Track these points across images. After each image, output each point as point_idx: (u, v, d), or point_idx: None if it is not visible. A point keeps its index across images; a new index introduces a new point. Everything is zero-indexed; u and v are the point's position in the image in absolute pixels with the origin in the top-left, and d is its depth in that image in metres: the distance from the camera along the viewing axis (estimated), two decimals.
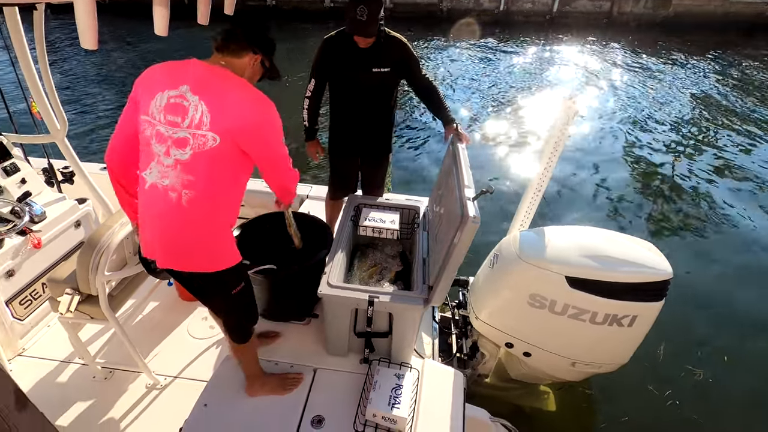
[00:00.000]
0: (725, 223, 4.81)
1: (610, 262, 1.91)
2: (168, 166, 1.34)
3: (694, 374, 2.98)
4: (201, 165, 1.34)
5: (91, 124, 7.22)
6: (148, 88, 1.38)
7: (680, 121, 7.55)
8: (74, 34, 12.12)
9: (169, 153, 1.34)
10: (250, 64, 1.45)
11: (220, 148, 1.33)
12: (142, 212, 1.46)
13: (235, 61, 1.42)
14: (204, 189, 1.36)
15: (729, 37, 12.81)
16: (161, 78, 1.37)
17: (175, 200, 1.35)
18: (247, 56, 1.43)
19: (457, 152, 2.10)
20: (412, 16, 14.35)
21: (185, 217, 1.37)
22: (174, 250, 1.43)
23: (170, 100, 1.33)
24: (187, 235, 1.40)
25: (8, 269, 2.30)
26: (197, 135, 1.32)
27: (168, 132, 1.33)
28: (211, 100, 1.32)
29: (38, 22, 2.29)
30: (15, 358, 2.39)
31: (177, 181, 1.34)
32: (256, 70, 1.49)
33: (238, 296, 1.58)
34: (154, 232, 1.44)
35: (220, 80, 1.35)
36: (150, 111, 1.36)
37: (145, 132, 1.38)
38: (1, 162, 2.53)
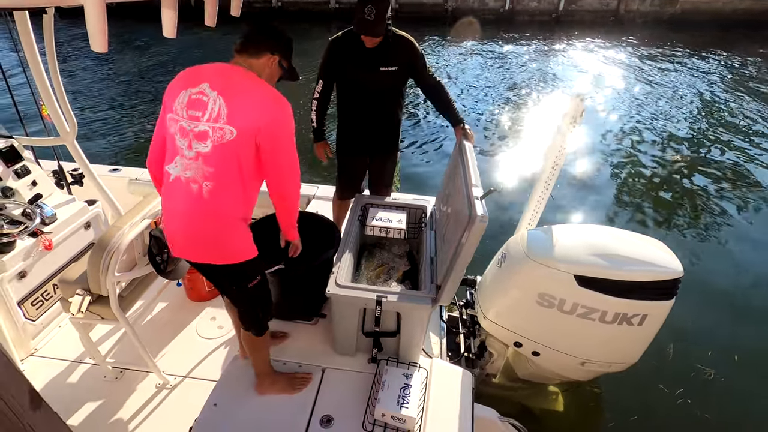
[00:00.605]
0: (736, 221, 4.76)
1: (619, 261, 1.89)
2: (190, 158, 1.41)
3: (705, 373, 2.95)
4: (220, 157, 1.40)
5: (101, 126, 7.29)
6: (173, 88, 1.46)
7: (689, 118, 7.48)
8: (83, 36, 12.27)
9: (191, 146, 1.41)
10: (269, 65, 1.51)
11: (237, 141, 1.39)
12: (165, 204, 1.53)
13: (253, 61, 1.48)
14: (223, 180, 1.42)
15: (737, 34, 12.67)
16: (184, 78, 1.45)
17: (196, 192, 1.42)
18: (264, 57, 1.49)
19: (464, 151, 2.10)
20: (418, 17, 14.35)
21: (205, 208, 1.43)
22: (195, 241, 1.49)
23: (191, 97, 1.40)
24: (207, 227, 1.46)
25: (20, 270, 2.33)
26: (216, 128, 1.38)
27: (189, 126, 1.40)
28: (229, 95, 1.38)
29: (48, 26, 2.31)
30: (27, 358, 2.42)
31: (198, 173, 1.41)
32: (274, 70, 1.54)
33: (255, 289, 1.63)
34: (177, 223, 1.50)
35: (238, 78, 1.42)
36: (174, 108, 1.43)
37: (170, 129, 1.45)
38: (13, 164, 2.56)
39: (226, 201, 1.45)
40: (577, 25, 13.89)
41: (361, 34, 2.24)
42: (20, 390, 0.86)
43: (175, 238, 1.54)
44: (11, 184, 2.50)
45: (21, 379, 0.86)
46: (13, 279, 2.30)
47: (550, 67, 10.35)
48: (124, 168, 3.56)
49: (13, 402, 0.83)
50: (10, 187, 2.48)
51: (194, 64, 1.52)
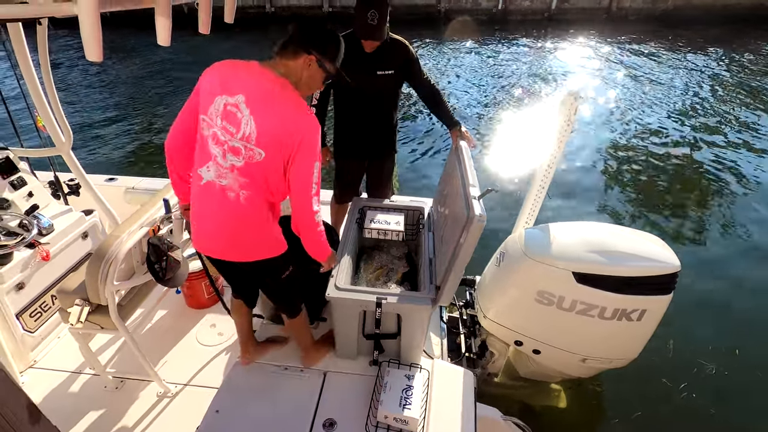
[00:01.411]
0: (732, 215, 4.78)
1: (616, 257, 1.90)
2: (225, 168, 1.46)
3: (707, 368, 2.96)
4: (253, 172, 1.46)
5: (96, 136, 7.28)
6: (210, 88, 1.45)
7: (683, 114, 7.52)
8: (77, 46, 12.26)
9: (225, 156, 1.45)
10: (306, 65, 1.47)
11: (266, 162, 1.44)
12: (198, 207, 1.58)
13: (290, 63, 1.46)
14: (258, 190, 1.49)
15: (728, 30, 12.75)
16: (223, 81, 1.43)
17: (233, 199, 1.49)
18: (302, 57, 1.46)
19: (460, 152, 2.11)
20: (410, 18, 14.38)
21: (243, 213, 1.50)
22: (233, 243, 1.57)
23: (227, 107, 1.41)
24: (245, 230, 1.53)
25: (18, 282, 2.32)
26: (247, 147, 1.42)
27: (224, 137, 1.44)
28: (260, 116, 1.40)
29: (42, 37, 2.32)
30: (27, 370, 2.41)
31: (234, 183, 1.47)
32: (313, 72, 1.50)
33: (288, 279, 1.74)
34: (212, 226, 1.56)
35: (273, 94, 1.41)
36: (209, 113, 1.45)
37: (203, 131, 1.48)
38: (9, 176, 2.55)
39: (262, 206, 1.52)
40: (570, 23, 13.95)
41: (364, 39, 2.25)
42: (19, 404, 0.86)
43: (208, 240, 1.60)
44: (7, 195, 2.50)
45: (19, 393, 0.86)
46: (11, 291, 2.29)
47: (544, 66, 10.39)
48: (121, 177, 3.56)
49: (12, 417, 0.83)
50: (7, 199, 2.47)
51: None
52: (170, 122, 1.63)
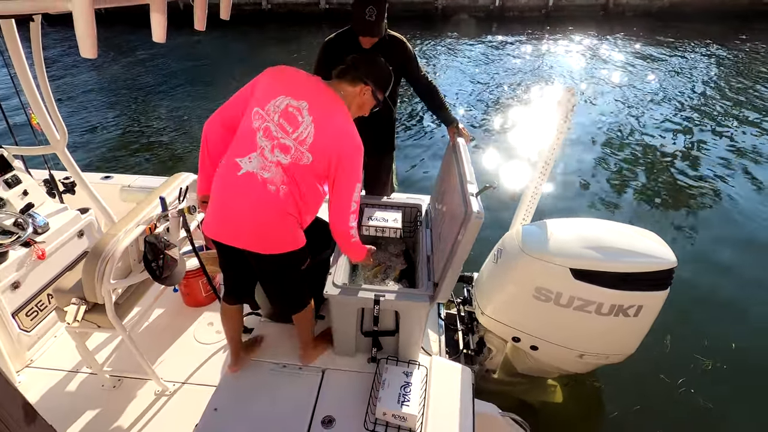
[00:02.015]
0: (728, 210, 4.80)
1: (613, 253, 1.91)
2: (271, 162, 1.53)
3: (702, 363, 2.97)
4: (296, 171, 1.55)
5: (91, 133, 7.24)
6: (271, 86, 1.56)
7: (679, 110, 7.54)
8: (71, 44, 12.17)
9: (273, 151, 1.53)
10: (360, 94, 1.66)
11: (312, 166, 1.55)
12: (228, 196, 1.58)
13: (348, 88, 1.64)
14: (299, 188, 1.57)
15: (725, 26, 12.78)
16: (288, 83, 1.56)
17: (273, 192, 1.54)
18: (359, 86, 1.64)
19: (458, 149, 2.11)
20: (407, 15, 14.35)
21: (281, 207, 1.56)
22: (263, 235, 1.59)
23: (288, 108, 1.52)
24: (278, 223, 1.58)
25: (13, 281, 2.30)
26: (298, 149, 1.53)
27: (277, 133, 1.52)
28: (320, 126, 1.52)
29: (35, 34, 2.29)
30: (23, 369, 2.40)
31: (278, 178, 1.54)
32: (365, 100, 1.68)
33: (305, 270, 1.80)
34: (243, 216, 1.57)
35: (335, 111, 1.57)
36: (267, 108, 1.53)
37: (253, 123, 1.54)
38: (3, 174, 2.53)
39: (297, 203, 1.59)
40: (567, 20, 13.95)
41: (361, 35, 2.24)
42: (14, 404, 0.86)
43: (235, 229, 1.60)
44: (2, 194, 2.48)
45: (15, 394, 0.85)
46: (6, 290, 2.27)
47: (542, 63, 10.39)
48: (116, 175, 3.54)
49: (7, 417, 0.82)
50: (1, 198, 2.46)
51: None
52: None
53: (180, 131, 7.22)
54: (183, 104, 8.33)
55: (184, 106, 8.25)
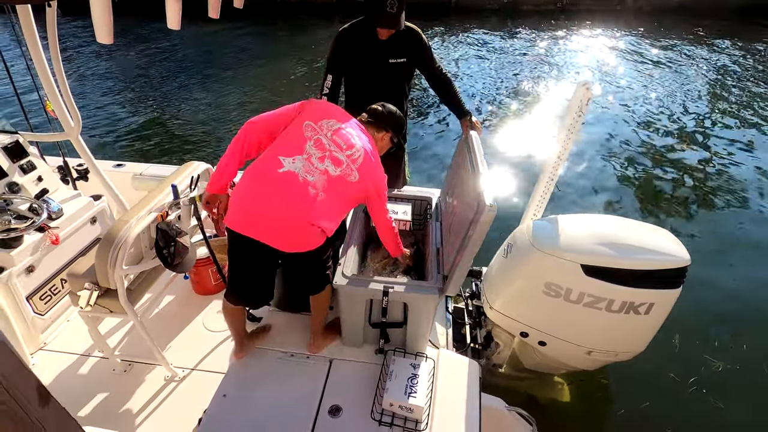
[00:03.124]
0: (744, 209, 4.72)
1: (625, 250, 1.88)
2: (317, 169, 1.64)
3: (713, 364, 2.94)
4: (340, 185, 1.67)
5: (105, 121, 7.30)
6: (322, 110, 1.77)
7: (697, 107, 7.39)
8: (85, 32, 12.25)
9: (323, 161, 1.66)
10: (384, 139, 1.95)
11: (355, 185, 1.71)
12: (265, 192, 1.61)
13: (376, 134, 1.91)
14: (336, 198, 1.68)
15: (747, 22, 12.46)
16: (336, 113, 1.80)
17: (312, 195, 1.61)
18: (383, 133, 1.93)
19: (470, 142, 2.09)
20: (420, 7, 14.20)
21: (315, 212, 1.61)
22: (289, 235, 1.64)
23: (341, 131, 1.73)
24: (307, 228, 1.62)
25: (28, 265, 2.34)
26: (350, 165, 1.69)
27: (329, 146, 1.68)
28: (367, 154, 1.75)
29: (51, 20, 2.31)
30: (37, 352, 2.44)
31: (320, 184, 1.63)
32: (386, 144, 1.97)
33: (326, 260, 1.86)
34: (274, 212, 1.60)
35: (373, 145, 1.84)
36: (319, 124, 1.71)
37: (304, 132, 1.68)
38: (18, 160, 2.58)
39: (330, 211, 1.68)
40: (583, 14, 13.70)
41: (381, 27, 2.21)
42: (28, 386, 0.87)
43: (261, 224, 1.62)
44: (17, 179, 2.52)
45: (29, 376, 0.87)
46: (21, 274, 2.31)
47: (556, 57, 10.24)
48: (128, 163, 3.57)
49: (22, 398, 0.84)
50: (17, 183, 2.50)
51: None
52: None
53: (192, 121, 7.25)
54: (195, 94, 8.37)
55: (196, 95, 8.29)
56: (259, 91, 8.38)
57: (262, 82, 8.82)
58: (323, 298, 1.93)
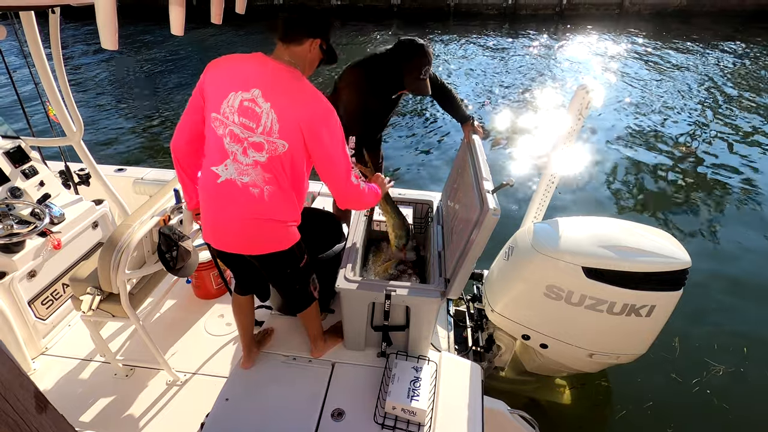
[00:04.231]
0: (744, 210, 4.74)
1: (626, 252, 1.89)
2: (247, 165, 1.46)
3: (714, 368, 2.94)
4: (276, 165, 1.46)
5: (107, 125, 7.33)
6: (218, 86, 1.45)
7: (695, 110, 7.43)
8: (88, 38, 12.27)
9: (246, 153, 1.45)
10: (309, 50, 1.49)
11: (290, 152, 1.45)
12: (214, 204, 1.56)
13: (296, 49, 1.47)
14: (282, 184, 1.50)
15: (744, 26, 12.54)
16: (232, 77, 1.44)
17: (257, 195, 1.49)
18: (307, 42, 1.48)
19: (473, 146, 2.10)
20: (419, 12, 14.29)
21: (268, 209, 1.51)
22: (254, 239, 1.57)
23: (243, 103, 1.41)
24: (267, 225, 1.54)
25: (30, 270, 2.35)
26: (270, 141, 1.42)
27: (243, 134, 1.43)
28: (280, 107, 1.40)
29: (54, 26, 2.33)
30: (38, 357, 2.44)
31: (258, 179, 1.47)
32: (314, 55, 1.52)
33: (306, 267, 1.75)
34: (233, 223, 1.55)
35: (286, 82, 1.43)
36: (222, 110, 1.43)
37: (217, 130, 1.46)
38: (21, 165, 2.58)
39: (285, 200, 1.53)
40: (582, 18, 13.78)
41: (414, 93, 2.19)
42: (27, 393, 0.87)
43: (227, 237, 1.59)
44: (19, 184, 2.53)
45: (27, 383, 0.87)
46: (23, 278, 2.32)
47: (556, 61, 10.29)
48: (129, 168, 3.58)
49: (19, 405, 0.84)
50: (19, 188, 2.50)
51: (201, 64, 1.51)
52: (180, 113, 1.63)
53: None
54: None
55: None
56: None
57: None
58: (311, 314, 1.93)
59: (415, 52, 2.09)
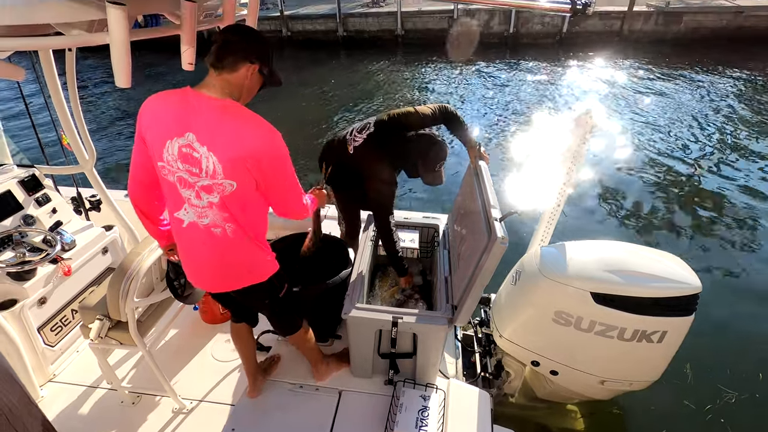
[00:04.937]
0: (754, 234, 4.69)
1: (635, 277, 1.88)
2: (203, 207, 1.43)
3: (727, 395, 2.86)
4: (232, 204, 1.42)
5: (116, 153, 7.49)
6: (155, 133, 1.37)
7: (699, 134, 7.46)
8: (101, 70, 12.65)
9: (199, 196, 1.41)
10: (247, 76, 1.37)
11: (240, 191, 1.39)
12: (185, 247, 1.57)
13: (231, 77, 1.35)
14: (242, 220, 1.47)
15: (743, 52, 12.68)
16: (166, 121, 1.35)
17: (220, 234, 1.47)
18: (243, 67, 1.35)
19: (480, 172, 2.12)
20: (423, 42, 14.63)
21: (233, 246, 1.50)
22: (227, 276, 1.57)
23: (182, 150, 1.34)
24: (237, 261, 1.54)
25: (41, 297, 2.37)
26: (217, 183, 1.37)
27: (191, 179, 1.38)
28: (218, 149, 1.32)
29: (70, 63, 2.42)
30: (46, 384, 2.43)
31: (217, 219, 1.44)
32: (254, 81, 1.41)
33: (285, 297, 1.73)
34: (203, 263, 1.57)
35: (221, 121, 1.32)
36: (165, 159, 1.37)
37: (168, 177, 1.41)
38: (34, 193, 2.64)
39: (249, 234, 1.51)
40: (582, 46, 14.00)
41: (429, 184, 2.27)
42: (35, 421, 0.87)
43: (203, 278, 1.62)
44: (32, 212, 2.58)
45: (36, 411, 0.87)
46: (33, 305, 2.33)
47: (557, 88, 10.43)
48: None
49: None
50: (32, 215, 2.55)
51: None
52: None
53: None
54: None
55: None
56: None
57: (270, 117, 9.03)
58: (301, 338, 1.91)
59: (431, 149, 2.18)
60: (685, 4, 14.14)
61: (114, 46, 1.23)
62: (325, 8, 15.70)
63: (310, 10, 15.74)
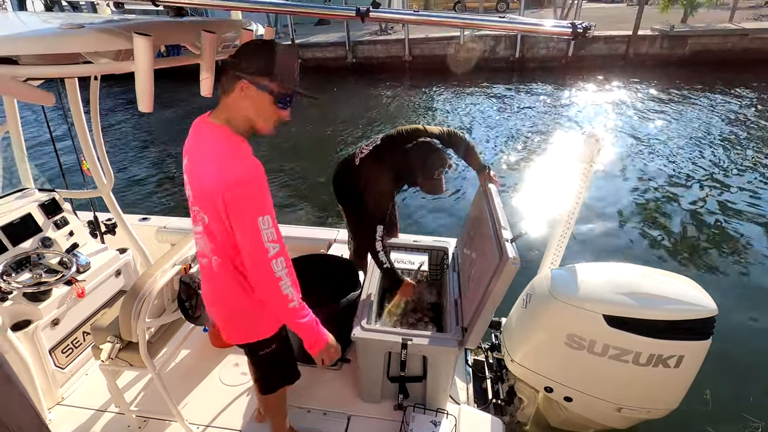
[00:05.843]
0: (765, 256, 4.59)
1: (649, 299, 1.85)
2: (198, 233, 1.44)
3: (753, 424, 2.75)
4: (213, 236, 1.34)
5: (131, 178, 7.66)
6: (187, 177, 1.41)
7: (709, 155, 7.43)
8: (122, 96, 13.07)
9: (196, 221, 1.42)
10: (242, 95, 1.22)
11: (213, 225, 1.29)
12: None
13: (228, 98, 1.24)
14: (224, 254, 1.36)
15: (748, 74, 12.73)
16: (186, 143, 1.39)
17: (206, 266, 1.45)
18: (236, 86, 1.21)
19: (490, 195, 2.13)
20: (430, 67, 14.94)
21: (218, 282, 1.46)
22: (215, 312, 1.57)
23: (187, 185, 1.40)
24: (223, 299, 1.50)
25: (54, 318, 2.39)
26: (196, 212, 1.37)
27: (193, 208, 1.41)
28: (195, 179, 1.30)
29: (94, 91, 2.53)
30: (54, 407, 2.43)
31: (206, 248, 1.42)
32: (256, 100, 1.22)
33: (268, 356, 1.63)
34: (203, 291, 1.59)
35: (206, 151, 1.25)
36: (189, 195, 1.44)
37: None
38: (53, 216, 2.71)
39: (234, 275, 1.39)
40: (588, 69, 14.19)
41: (428, 193, 2.26)
42: None
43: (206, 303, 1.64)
44: (50, 234, 2.64)
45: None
46: (47, 327, 2.36)
47: (564, 111, 10.52)
48: (154, 217, 3.71)
49: None
50: (50, 237, 2.61)
51: None
52: None
53: None
54: None
55: None
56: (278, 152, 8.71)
57: (280, 141, 9.22)
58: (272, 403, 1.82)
59: (429, 155, 2.16)
60: (690, 27, 14.32)
61: (139, 74, 1.29)
62: (334, 36, 16.21)
63: (320, 38, 16.24)
